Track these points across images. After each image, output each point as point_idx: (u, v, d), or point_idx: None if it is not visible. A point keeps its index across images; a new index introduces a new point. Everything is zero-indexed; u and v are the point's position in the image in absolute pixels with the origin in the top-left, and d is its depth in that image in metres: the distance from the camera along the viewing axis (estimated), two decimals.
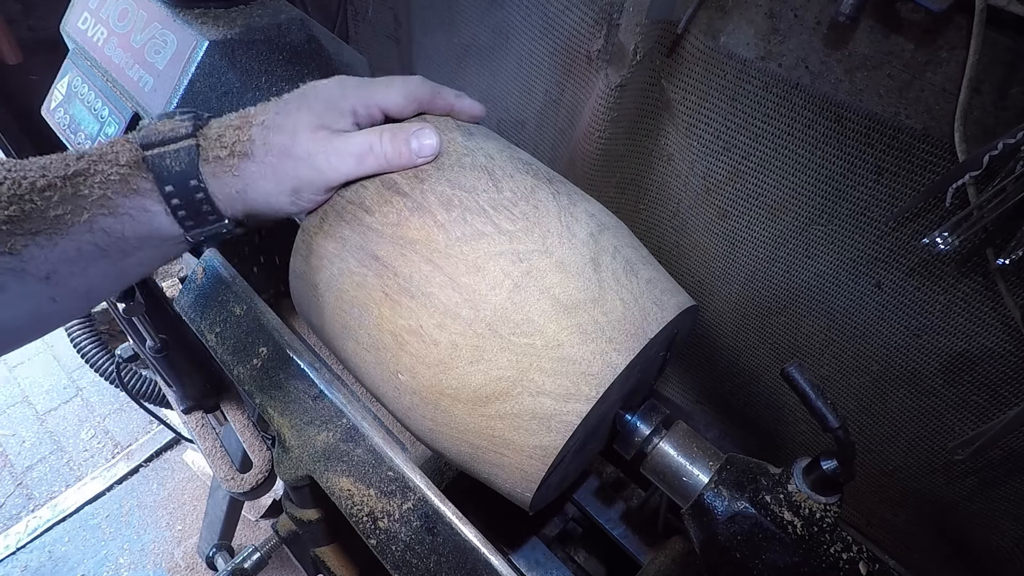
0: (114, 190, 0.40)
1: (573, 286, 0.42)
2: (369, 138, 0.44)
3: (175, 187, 0.42)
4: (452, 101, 0.49)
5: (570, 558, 0.74)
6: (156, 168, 0.41)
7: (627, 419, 0.51)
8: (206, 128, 0.44)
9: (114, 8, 0.63)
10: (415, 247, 0.43)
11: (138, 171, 0.41)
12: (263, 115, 0.44)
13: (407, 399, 0.46)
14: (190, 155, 0.42)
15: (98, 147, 0.42)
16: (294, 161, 0.43)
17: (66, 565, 1.66)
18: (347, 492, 0.49)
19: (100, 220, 0.40)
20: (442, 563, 0.45)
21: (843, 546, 0.43)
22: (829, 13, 0.46)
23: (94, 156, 0.41)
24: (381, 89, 0.46)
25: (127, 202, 0.41)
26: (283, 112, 0.44)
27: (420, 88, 0.47)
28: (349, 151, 0.44)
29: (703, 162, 0.59)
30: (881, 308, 0.54)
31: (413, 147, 0.45)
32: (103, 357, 1.34)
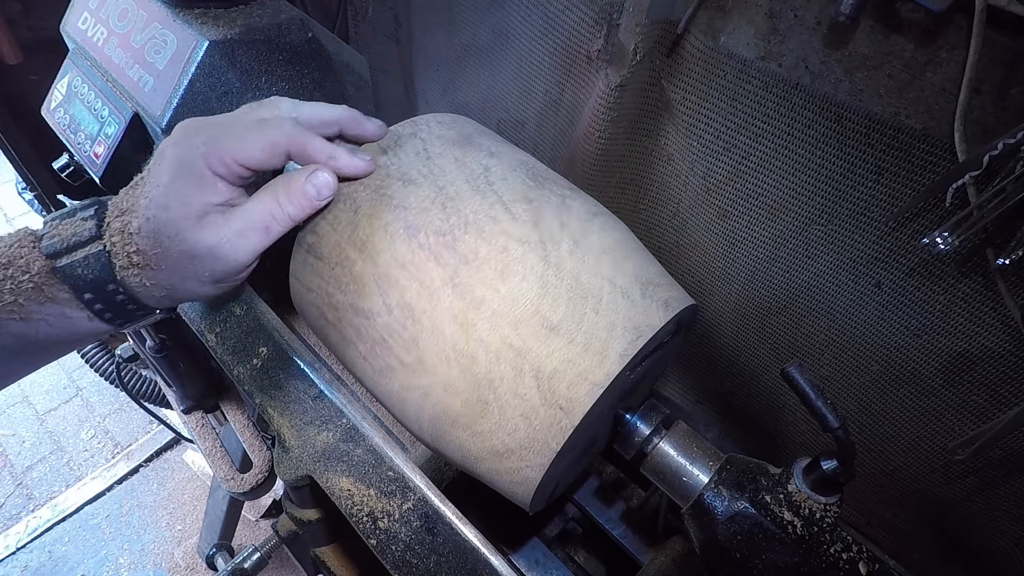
0: (27, 297, 0.39)
1: (562, 304, 0.43)
2: (266, 205, 0.42)
3: (94, 294, 0.40)
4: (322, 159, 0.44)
5: (570, 558, 0.74)
6: (69, 279, 0.39)
7: (627, 419, 0.51)
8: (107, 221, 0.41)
9: (114, 8, 0.63)
10: (409, 270, 0.45)
11: (51, 280, 0.39)
12: (136, 217, 0.40)
13: (400, 417, 0.48)
14: (100, 261, 0.40)
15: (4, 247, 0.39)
16: (199, 260, 0.41)
17: (66, 565, 1.66)
18: (347, 492, 0.49)
19: (10, 325, 0.39)
20: (442, 563, 0.45)
21: (843, 546, 0.43)
22: (829, 13, 0.46)
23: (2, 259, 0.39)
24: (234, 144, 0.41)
25: (42, 309, 0.39)
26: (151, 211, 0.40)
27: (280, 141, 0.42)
28: (252, 227, 0.41)
29: (703, 162, 0.59)
30: (881, 308, 0.54)
31: (311, 195, 0.43)
32: (103, 357, 1.34)
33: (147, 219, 0.39)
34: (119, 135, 0.62)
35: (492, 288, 0.42)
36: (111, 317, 0.42)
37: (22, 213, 2.45)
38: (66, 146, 0.69)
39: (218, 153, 0.40)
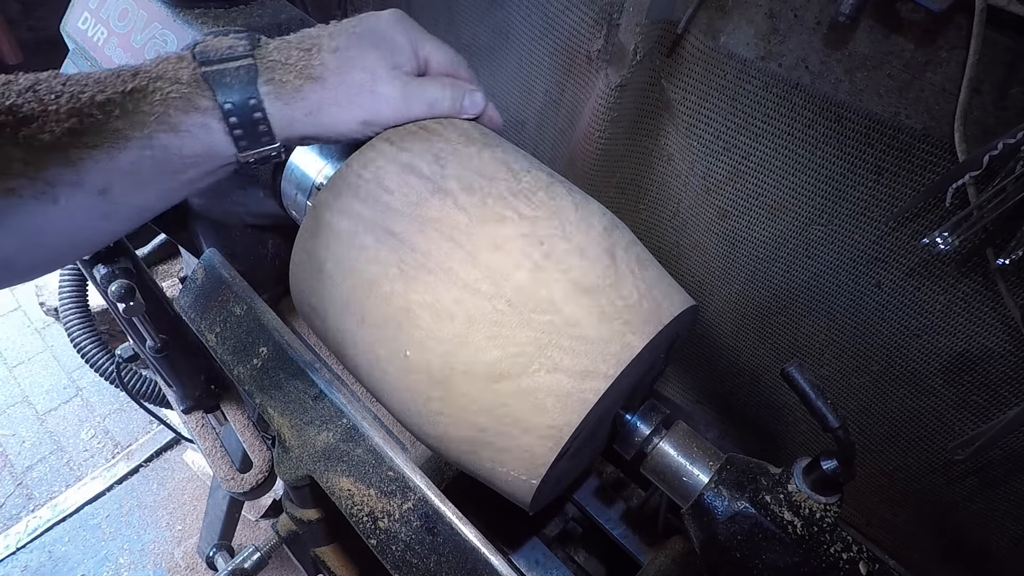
0: (175, 107, 0.41)
1: (592, 271, 0.43)
2: (440, 89, 0.48)
3: (234, 106, 0.42)
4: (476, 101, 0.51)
5: (570, 558, 0.74)
6: (216, 86, 0.42)
7: (627, 419, 0.51)
8: (262, 47, 0.44)
9: (114, 8, 0.63)
10: (435, 225, 0.44)
11: (199, 89, 0.41)
12: (334, 40, 0.45)
13: (412, 379, 0.45)
14: (250, 74, 0.42)
15: (154, 63, 0.42)
16: (374, 97, 0.45)
17: (66, 565, 1.66)
18: (347, 492, 0.49)
19: (159, 136, 0.41)
20: (442, 563, 0.45)
21: (843, 546, 0.43)
22: (829, 13, 0.46)
23: (152, 73, 0.41)
24: (433, 45, 0.49)
25: (188, 119, 0.41)
26: (356, 46, 0.45)
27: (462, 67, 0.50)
28: (424, 98, 0.47)
29: (703, 162, 0.59)
30: (881, 308, 0.54)
31: (465, 104, 0.49)
32: (103, 357, 1.34)
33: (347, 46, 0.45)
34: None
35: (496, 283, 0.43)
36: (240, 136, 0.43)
37: None
38: None
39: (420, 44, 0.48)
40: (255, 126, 0.43)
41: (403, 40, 0.47)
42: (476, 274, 0.42)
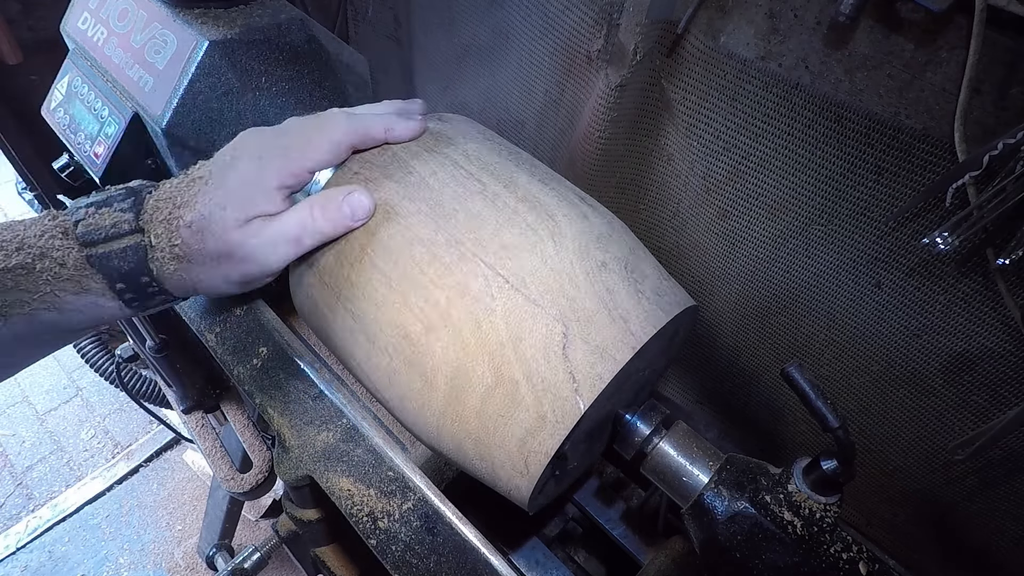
0: (62, 289, 0.40)
1: (582, 297, 0.43)
2: (301, 218, 0.44)
3: (126, 284, 0.41)
4: (382, 136, 0.48)
5: (570, 558, 0.74)
6: (104, 269, 0.40)
7: (627, 419, 0.51)
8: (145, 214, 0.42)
9: (114, 8, 0.63)
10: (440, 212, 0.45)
11: (86, 272, 0.40)
12: (189, 211, 0.42)
13: (417, 401, 0.46)
14: (137, 254, 0.41)
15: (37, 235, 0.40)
16: (234, 262, 0.43)
17: (66, 565, 1.66)
18: (347, 492, 0.49)
19: (43, 314, 0.40)
20: (442, 563, 0.45)
21: (843, 546, 0.43)
22: (829, 13, 0.46)
23: (35, 250, 0.39)
24: (301, 152, 0.44)
25: (76, 300, 0.40)
26: (208, 209, 0.42)
27: (344, 136, 0.46)
28: (286, 237, 0.43)
29: (703, 162, 0.59)
30: (881, 308, 0.54)
31: (346, 213, 0.44)
32: (103, 357, 1.34)
33: (201, 216, 0.41)
34: (119, 135, 0.62)
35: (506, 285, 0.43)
36: (137, 304, 0.43)
37: (22, 213, 2.45)
38: (66, 146, 0.69)
39: (289, 167, 0.43)
40: (150, 296, 0.43)
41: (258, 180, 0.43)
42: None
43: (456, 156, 0.48)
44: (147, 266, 0.41)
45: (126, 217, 0.41)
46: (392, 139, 0.48)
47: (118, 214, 0.41)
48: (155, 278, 0.42)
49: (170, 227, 0.41)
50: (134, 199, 0.42)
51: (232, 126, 0.61)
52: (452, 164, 0.48)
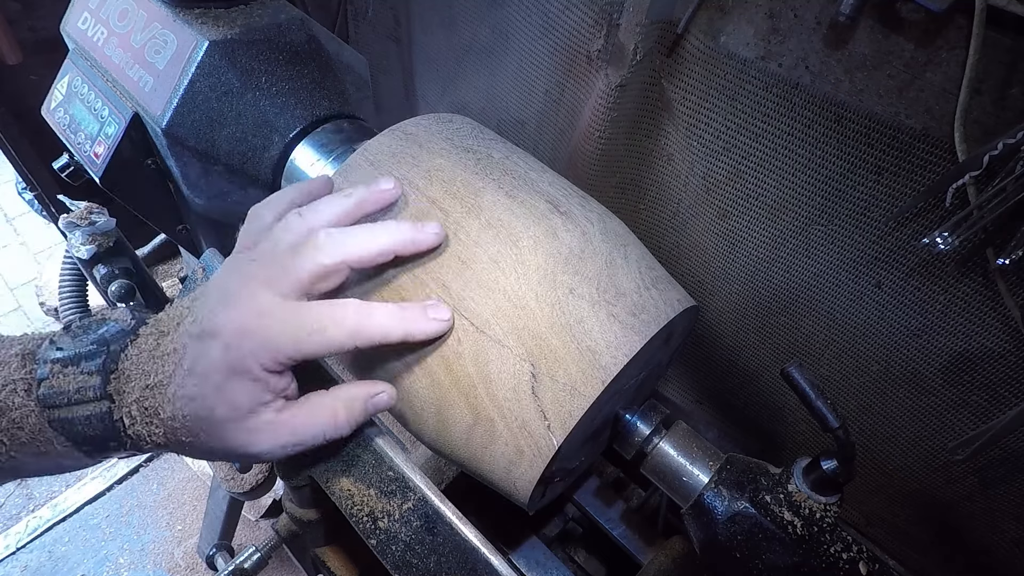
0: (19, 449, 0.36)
1: (581, 303, 0.44)
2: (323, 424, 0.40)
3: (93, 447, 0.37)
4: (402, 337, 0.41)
5: (570, 558, 0.74)
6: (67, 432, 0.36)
7: (627, 419, 0.51)
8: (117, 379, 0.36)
9: (114, 8, 0.63)
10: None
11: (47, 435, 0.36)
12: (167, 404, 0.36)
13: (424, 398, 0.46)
14: (103, 423, 0.36)
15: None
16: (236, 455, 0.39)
17: (66, 565, 1.66)
18: (347, 492, 0.49)
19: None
20: (442, 563, 0.45)
21: (843, 546, 0.43)
22: (829, 13, 0.46)
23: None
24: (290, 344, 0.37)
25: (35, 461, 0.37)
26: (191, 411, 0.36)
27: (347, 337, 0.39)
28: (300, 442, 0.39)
29: (703, 162, 0.59)
30: (881, 308, 0.54)
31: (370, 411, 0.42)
32: None
33: (184, 416, 0.36)
34: (119, 135, 0.62)
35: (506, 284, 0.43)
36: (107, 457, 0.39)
37: (22, 213, 2.45)
38: (66, 146, 0.69)
39: (274, 356, 0.37)
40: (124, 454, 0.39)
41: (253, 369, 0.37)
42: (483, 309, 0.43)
43: (418, 180, 0.47)
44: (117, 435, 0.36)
45: (92, 382, 0.36)
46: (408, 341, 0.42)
47: (83, 377, 0.36)
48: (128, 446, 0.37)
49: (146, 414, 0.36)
50: (105, 357, 0.36)
51: (232, 126, 0.61)
52: (414, 190, 0.46)
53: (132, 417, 0.36)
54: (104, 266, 0.76)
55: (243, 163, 0.63)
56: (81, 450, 0.37)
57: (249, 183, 0.65)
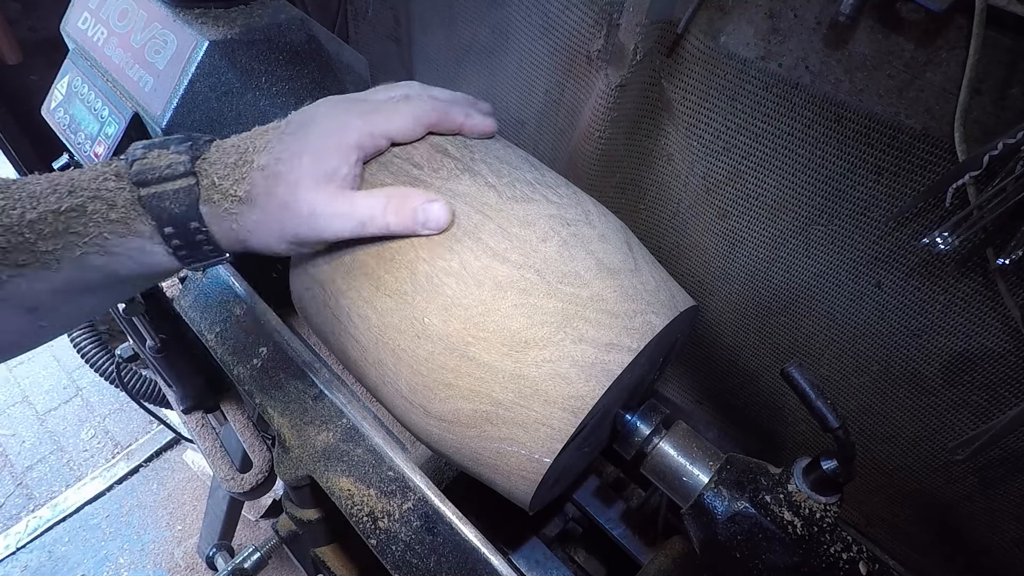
0: (111, 230, 0.39)
1: (615, 256, 0.45)
2: (373, 205, 0.42)
3: (176, 229, 0.40)
4: (461, 121, 0.47)
5: (570, 558, 0.74)
6: (155, 210, 0.39)
7: (627, 419, 0.51)
8: (203, 160, 0.41)
9: (114, 8, 0.63)
10: (465, 199, 0.44)
11: (136, 213, 0.39)
12: (264, 155, 0.41)
13: (425, 349, 0.44)
14: (190, 196, 0.40)
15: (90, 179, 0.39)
16: (296, 217, 0.41)
17: (66, 565, 1.66)
18: (347, 492, 0.49)
19: (93, 258, 0.39)
20: (442, 563, 0.45)
21: (843, 546, 0.43)
22: (829, 13, 0.46)
23: (87, 192, 0.38)
24: (385, 117, 0.44)
25: (125, 243, 0.39)
26: (284, 156, 0.41)
27: (427, 112, 0.46)
28: (353, 216, 0.42)
29: (703, 162, 0.59)
30: (881, 308, 0.54)
31: (419, 219, 0.43)
32: (103, 357, 1.34)
33: (277, 159, 0.40)
34: (119, 135, 0.62)
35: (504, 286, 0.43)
36: (185, 255, 0.41)
37: None
38: (66, 146, 0.69)
39: (370, 128, 0.43)
40: (198, 245, 0.41)
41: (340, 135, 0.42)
42: (506, 244, 0.43)
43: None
44: (198, 210, 0.40)
45: (182, 159, 0.40)
46: (468, 129, 0.48)
47: (174, 155, 0.40)
48: (206, 224, 0.41)
49: (239, 170, 0.40)
50: (191, 143, 0.41)
51: (232, 126, 0.61)
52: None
53: (221, 179, 0.40)
54: None
55: None
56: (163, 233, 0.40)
57: None
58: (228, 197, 0.40)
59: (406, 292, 0.44)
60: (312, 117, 0.43)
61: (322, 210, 0.41)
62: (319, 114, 0.43)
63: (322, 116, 0.43)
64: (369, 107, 0.44)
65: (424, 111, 0.45)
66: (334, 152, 0.42)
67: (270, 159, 0.40)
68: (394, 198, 0.43)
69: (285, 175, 0.40)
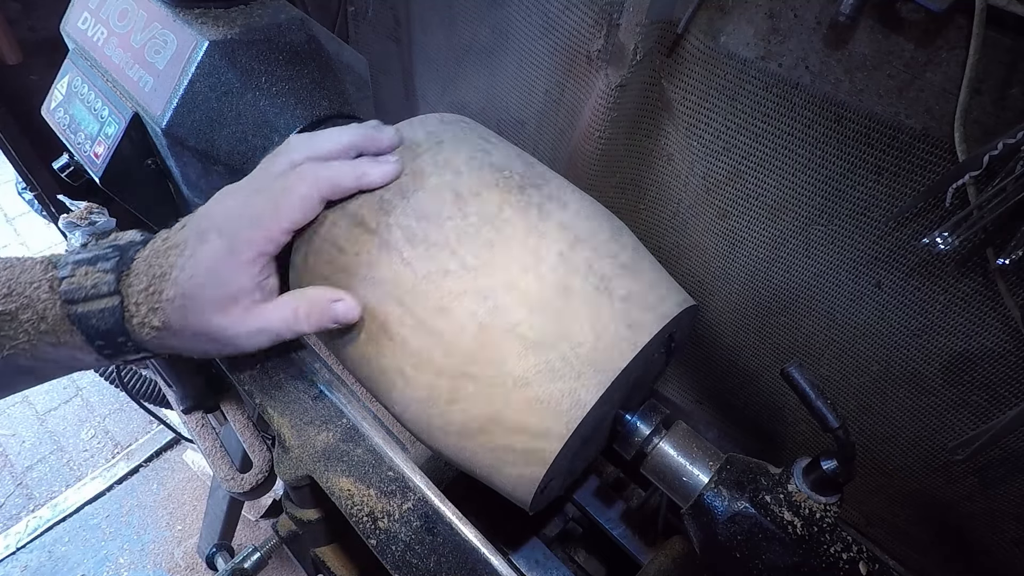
0: (40, 340, 0.41)
1: (539, 321, 0.42)
2: (286, 316, 0.45)
3: (104, 341, 0.42)
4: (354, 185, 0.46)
5: (570, 558, 0.74)
6: (83, 327, 0.41)
7: (627, 419, 0.51)
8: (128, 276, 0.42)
9: (114, 8, 0.63)
10: (385, 288, 0.44)
11: (65, 327, 0.41)
12: (170, 287, 0.42)
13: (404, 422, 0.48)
14: (115, 315, 0.42)
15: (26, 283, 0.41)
16: (212, 341, 0.44)
17: (66, 565, 1.66)
18: (347, 492, 0.49)
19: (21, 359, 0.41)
20: (442, 563, 0.45)
21: (843, 546, 0.43)
22: (829, 13, 0.46)
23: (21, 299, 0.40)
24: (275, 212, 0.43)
25: (54, 351, 0.42)
26: (188, 287, 0.42)
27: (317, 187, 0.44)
28: (266, 330, 0.44)
29: (703, 162, 0.59)
30: (881, 308, 0.54)
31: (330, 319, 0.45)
32: None
33: (182, 293, 0.42)
34: (119, 135, 0.62)
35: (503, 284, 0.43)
36: (114, 356, 0.44)
37: (22, 213, 2.45)
38: (66, 146, 0.69)
39: (264, 232, 0.43)
40: (129, 352, 0.44)
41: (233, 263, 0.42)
42: (427, 341, 0.43)
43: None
44: (124, 327, 0.42)
45: (107, 279, 0.42)
46: (365, 186, 0.46)
47: (99, 275, 0.42)
48: (132, 339, 0.43)
49: (151, 299, 0.42)
50: (119, 259, 0.43)
51: (232, 126, 0.61)
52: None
53: (138, 305, 0.42)
54: None
55: (243, 163, 0.63)
56: (94, 345, 0.42)
57: None
58: (145, 325, 0.42)
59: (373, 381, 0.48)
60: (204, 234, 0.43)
61: (235, 331, 0.43)
62: (209, 230, 0.43)
63: (211, 233, 0.43)
64: (260, 204, 0.44)
65: (308, 192, 0.44)
66: (234, 273, 0.42)
67: (176, 292, 0.42)
68: (303, 305, 0.45)
69: (191, 307, 0.42)
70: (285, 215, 0.44)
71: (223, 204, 0.45)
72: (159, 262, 0.42)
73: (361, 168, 0.46)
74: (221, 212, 0.44)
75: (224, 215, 0.44)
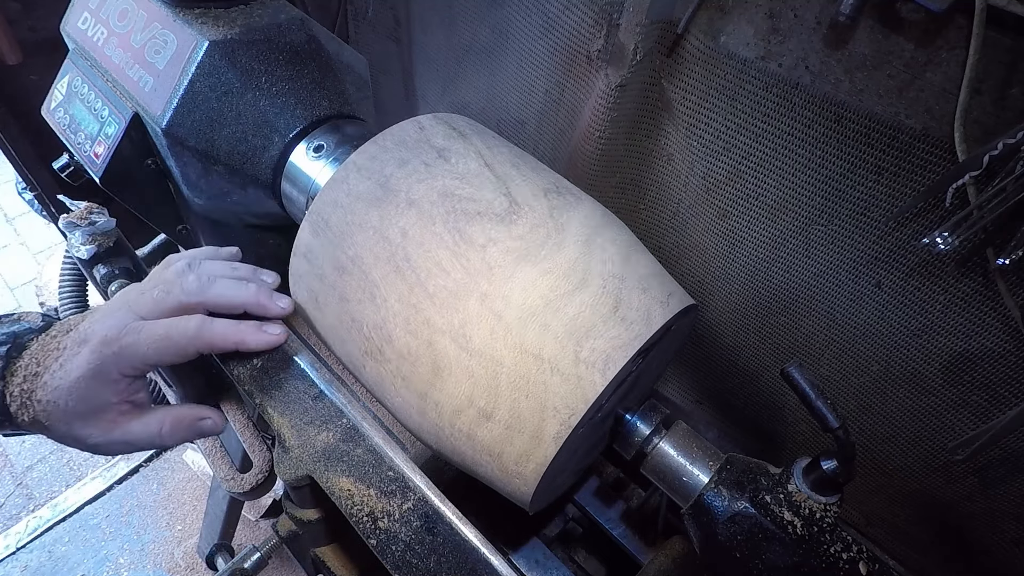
0: None
1: (538, 328, 0.44)
2: (151, 432, 0.48)
3: None
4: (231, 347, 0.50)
5: (570, 558, 0.74)
6: None
7: (627, 419, 0.51)
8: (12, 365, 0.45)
9: (114, 8, 0.63)
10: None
11: None
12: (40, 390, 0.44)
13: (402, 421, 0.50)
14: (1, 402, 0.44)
15: None
16: (79, 443, 0.46)
17: (66, 565, 1.66)
18: (347, 492, 0.49)
19: None
20: (442, 563, 0.45)
21: (843, 546, 0.43)
22: (829, 13, 0.46)
23: None
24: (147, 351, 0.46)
25: None
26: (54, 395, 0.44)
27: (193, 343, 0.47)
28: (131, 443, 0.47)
29: (703, 162, 0.59)
30: (881, 308, 0.54)
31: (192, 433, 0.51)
32: None
33: (48, 399, 0.44)
34: (119, 135, 0.62)
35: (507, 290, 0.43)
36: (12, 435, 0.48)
37: (22, 213, 2.45)
38: (66, 146, 0.69)
39: (130, 361, 0.45)
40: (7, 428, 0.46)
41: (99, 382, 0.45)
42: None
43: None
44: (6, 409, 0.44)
45: None
46: (242, 349, 0.51)
47: None
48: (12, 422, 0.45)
49: (23, 395, 0.44)
50: (9, 347, 0.45)
51: (232, 126, 0.61)
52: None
53: (14, 398, 0.44)
54: (104, 266, 0.75)
55: (243, 163, 0.63)
56: None
57: (249, 183, 0.65)
58: (18, 416, 0.45)
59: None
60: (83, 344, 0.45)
61: (97, 440, 0.46)
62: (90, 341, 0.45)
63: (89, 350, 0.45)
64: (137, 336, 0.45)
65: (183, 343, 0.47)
66: (98, 390, 0.45)
67: (44, 396, 0.44)
68: (167, 422, 0.49)
69: (55, 414, 0.44)
70: (154, 356, 0.46)
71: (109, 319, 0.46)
72: (40, 359, 0.45)
73: (241, 335, 0.50)
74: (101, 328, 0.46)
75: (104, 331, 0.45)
